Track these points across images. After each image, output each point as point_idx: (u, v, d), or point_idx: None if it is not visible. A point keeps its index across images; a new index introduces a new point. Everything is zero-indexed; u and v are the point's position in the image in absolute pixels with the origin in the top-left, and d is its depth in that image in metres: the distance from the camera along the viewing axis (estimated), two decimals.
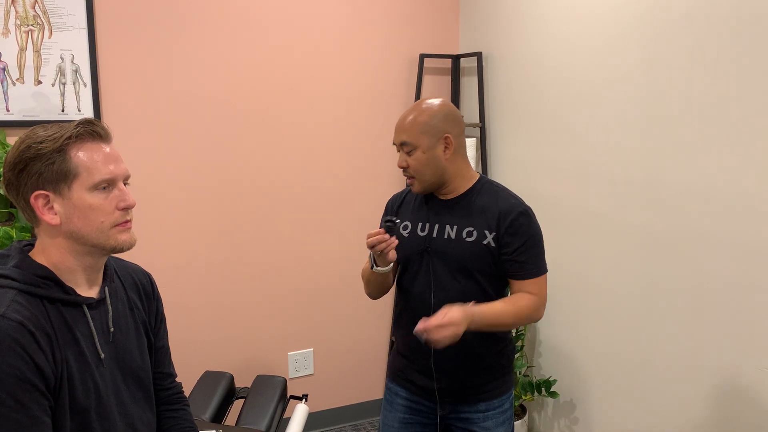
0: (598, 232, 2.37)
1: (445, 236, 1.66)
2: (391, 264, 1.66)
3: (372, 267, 1.66)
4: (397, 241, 1.61)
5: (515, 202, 1.66)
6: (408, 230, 1.72)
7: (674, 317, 2.10)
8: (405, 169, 1.64)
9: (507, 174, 2.85)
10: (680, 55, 2.00)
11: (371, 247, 1.59)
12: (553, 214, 2.58)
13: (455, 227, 1.65)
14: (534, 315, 1.65)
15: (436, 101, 1.65)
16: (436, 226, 1.68)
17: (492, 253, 1.62)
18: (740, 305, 1.89)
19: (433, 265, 1.67)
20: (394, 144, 1.67)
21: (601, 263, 2.37)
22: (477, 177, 1.71)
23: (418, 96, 3.01)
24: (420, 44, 3.02)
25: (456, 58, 3.08)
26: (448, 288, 1.66)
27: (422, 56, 2.98)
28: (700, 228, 1.99)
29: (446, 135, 1.61)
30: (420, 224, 1.71)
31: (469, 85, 3.08)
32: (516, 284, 1.65)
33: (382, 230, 1.59)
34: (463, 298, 1.61)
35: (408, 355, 1.77)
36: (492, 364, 1.72)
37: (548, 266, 1.70)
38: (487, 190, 1.68)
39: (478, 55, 2.90)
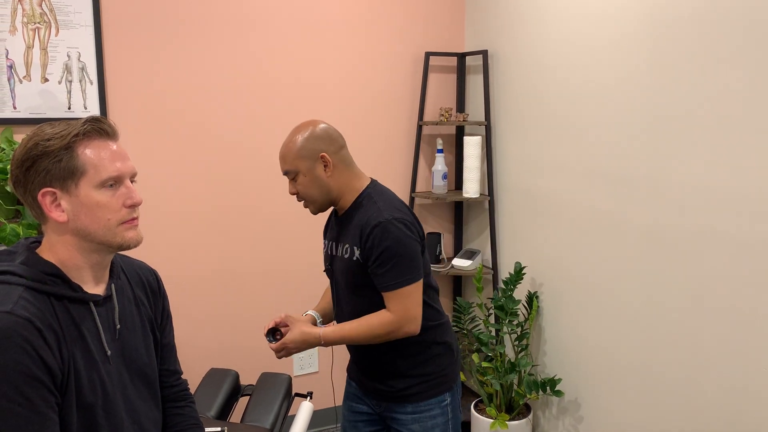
0: (603, 231, 2.37)
1: (337, 254, 1.72)
2: (319, 320, 1.83)
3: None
4: (277, 345, 1.71)
5: (374, 214, 1.62)
6: (324, 249, 1.81)
7: (679, 316, 2.09)
8: (297, 195, 1.69)
9: (512, 172, 2.85)
10: (685, 54, 2.00)
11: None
12: (558, 212, 2.58)
13: (340, 244, 1.71)
14: (393, 332, 1.62)
15: (307, 124, 1.67)
16: (333, 243, 1.75)
17: (362, 267, 1.64)
18: (745, 304, 1.88)
19: (334, 282, 1.76)
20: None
21: (606, 262, 2.37)
22: (361, 189, 1.70)
23: (424, 94, 3.01)
24: (425, 42, 3.02)
25: (462, 56, 3.08)
26: (344, 303, 1.74)
27: (428, 54, 2.98)
28: (705, 227, 1.98)
29: (322, 154, 1.63)
30: (329, 243, 1.78)
31: (474, 84, 3.07)
32: (383, 297, 1.65)
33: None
34: (359, 311, 1.69)
35: (352, 356, 1.87)
36: (413, 372, 1.73)
37: (553, 264, 1.70)
38: (364, 203, 1.67)
39: (484, 54, 2.90)
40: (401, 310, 1.61)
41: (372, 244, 1.59)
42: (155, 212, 2.60)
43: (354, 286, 1.68)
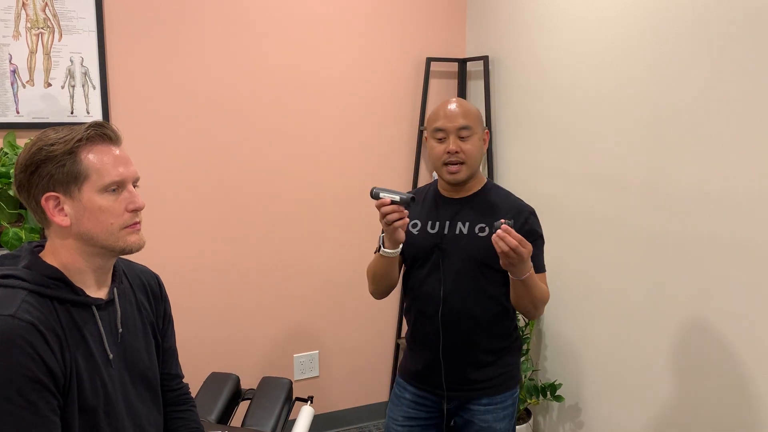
0: (604, 236, 2.37)
1: (457, 232, 1.72)
2: (399, 249, 1.68)
3: (379, 249, 1.69)
4: (407, 220, 1.61)
5: (521, 203, 1.76)
6: (418, 228, 1.77)
7: (680, 321, 2.09)
8: (455, 153, 1.67)
9: (513, 177, 2.85)
10: (686, 59, 2.00)
11: (384, 216, 1.57)
12: (559, 217, 2.58)
13: (467, 223, 1.72)
14: (544, 304, 1.68)
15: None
16: (447, 223, 1.74)
17: None
18: (748, 310, 1.88)
19: (444, 260, 1.72)
20: (439, 129, 1.69)
21: (607, 266, 2.37)
22: (485, 179, 1.80)
23: (425, 99, 3.01)
24: (427, 48, 3.03)
25: (462, 62, 3.09)
26: (457, 283, 1.70)
27: (429, 60, 2.99)
28: (706, 231, 1.98)
29: (487, 130, 1.75)
30: (430, 222, 1.75)
31: (475, 89, 3.08)
32: None
33: (395, 206, 1.58)
34: (472, 293, 1.70)
35: (417, 350, 1.81)
36: (497, 362, 1.77)
37: (554, 269, 1.72)
38: (496, 191, 1.79)
39: (485, 59, 2.91)
40: (548, 290, 1.69)
41: (530, 228, 1.70)
42: (157, 217, 2.60)
43: (483, 264, 1.68)
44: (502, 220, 1.51)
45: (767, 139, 1.78)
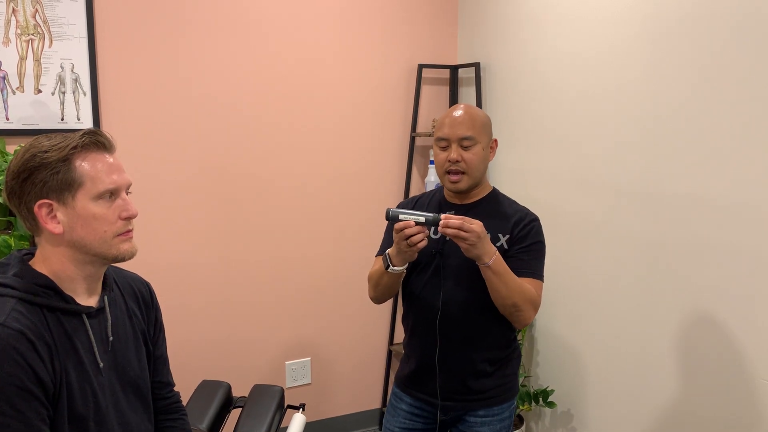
0: (597, 241, 2.38)
1: None
2: (406, 264, 1.65)
3: (387, 268, 1.65)
4: (427, 240, 1.58)
5: (526, 211, 1.75)
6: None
7: (674, 327, 2.10)
8: (456, 163, 1.66)
9: (507, 182, 2.86)
10: (679, 65, 2.02)
11: (407, 238, 1.54)
12: (552, 223, 2.58)
13: None
14: (528, 304, 1.62)
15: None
16: None
17: (504, 255, 1.65)
18: (743, 316, 1.89)
19: (445, 267, 1.70)
20: (442, 138, 1.68)
21: (599, 272, 2.38)
22: (491, 186, 1.80)
23: (416, 106, 3.02)
24: (418, 54, 3.04)
25: (454, 69, 3.10)
26: (457, 290, 1.68)
27: (421, 66, 3.00)
28: (701, 235, 1.99)
29: (495, 139, 1.74)
30: (433, 228, 1.72)
31: (467, 96, 3.09)
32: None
33: (420, 227, 1.55)
34: (472, 300, 1.66)
35: (415, 357, 1.79)
36: (496, 371, 1.75)
37: (547, 275, 1.71)
38: (502, 198, 1.78)
39: (476, 66, 2.92)
40: (539, 299, 1.67)
41: (528, 233, 1.69)
42: (147, 224, 2.59)
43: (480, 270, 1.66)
44: (440, 215, 1.54)
45: (762, 142, 1.80)
